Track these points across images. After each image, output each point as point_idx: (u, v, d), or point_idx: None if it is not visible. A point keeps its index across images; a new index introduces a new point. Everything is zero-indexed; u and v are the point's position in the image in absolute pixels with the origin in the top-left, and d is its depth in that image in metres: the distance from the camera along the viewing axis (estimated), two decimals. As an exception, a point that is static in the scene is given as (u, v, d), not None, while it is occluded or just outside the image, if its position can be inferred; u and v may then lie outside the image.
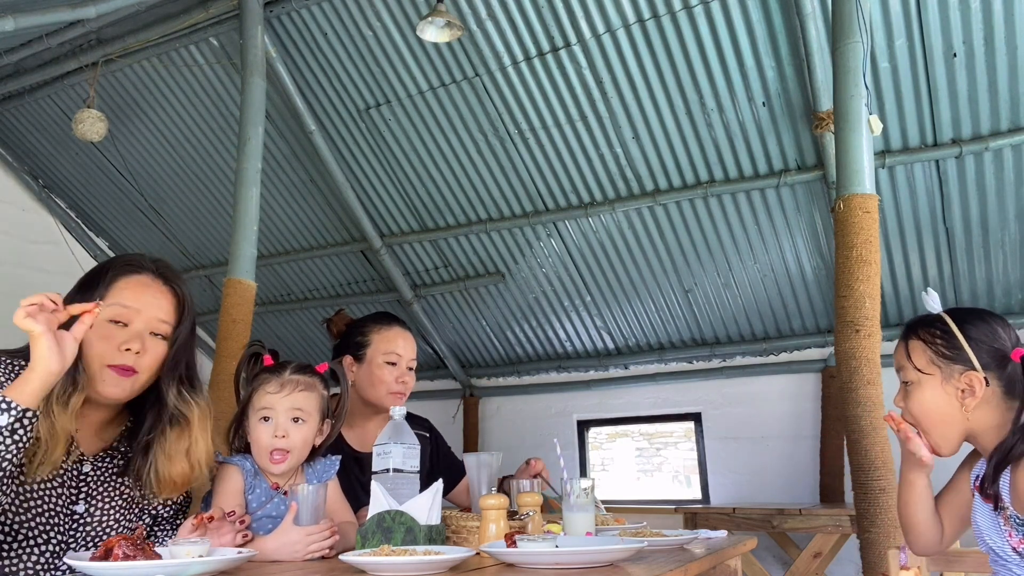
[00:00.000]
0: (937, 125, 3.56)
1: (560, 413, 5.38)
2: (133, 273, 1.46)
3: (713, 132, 3.87)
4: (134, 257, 1.50)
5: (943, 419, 1.53)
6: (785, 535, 4.20)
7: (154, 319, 1.44)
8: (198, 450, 1.50)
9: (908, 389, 1.58)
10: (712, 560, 1.57)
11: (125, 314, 1.41)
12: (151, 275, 1.47)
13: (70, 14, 3.69)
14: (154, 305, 1.44)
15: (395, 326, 2.26)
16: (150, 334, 1.44)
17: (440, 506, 1.52)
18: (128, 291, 1.43)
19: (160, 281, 1.48)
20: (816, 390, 4.60)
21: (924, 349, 1.55)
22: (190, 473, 1.48)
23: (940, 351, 1.53)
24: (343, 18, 3.91)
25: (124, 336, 1.40)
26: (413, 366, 2.24)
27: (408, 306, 5.20)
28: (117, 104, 4.67)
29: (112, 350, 1.39)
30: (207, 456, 1.52)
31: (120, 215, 5.50)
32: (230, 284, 3.47)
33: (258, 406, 1.64)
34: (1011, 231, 3.81)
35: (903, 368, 1.59)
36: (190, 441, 1.49)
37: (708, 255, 4.37)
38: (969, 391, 1.49)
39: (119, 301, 1.41)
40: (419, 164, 4.47)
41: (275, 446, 1.61)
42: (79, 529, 1.41)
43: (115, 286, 1.43)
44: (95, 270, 1.49)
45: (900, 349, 1.62)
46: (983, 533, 1.50)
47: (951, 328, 1.54)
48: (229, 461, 1.62)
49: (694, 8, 3.44)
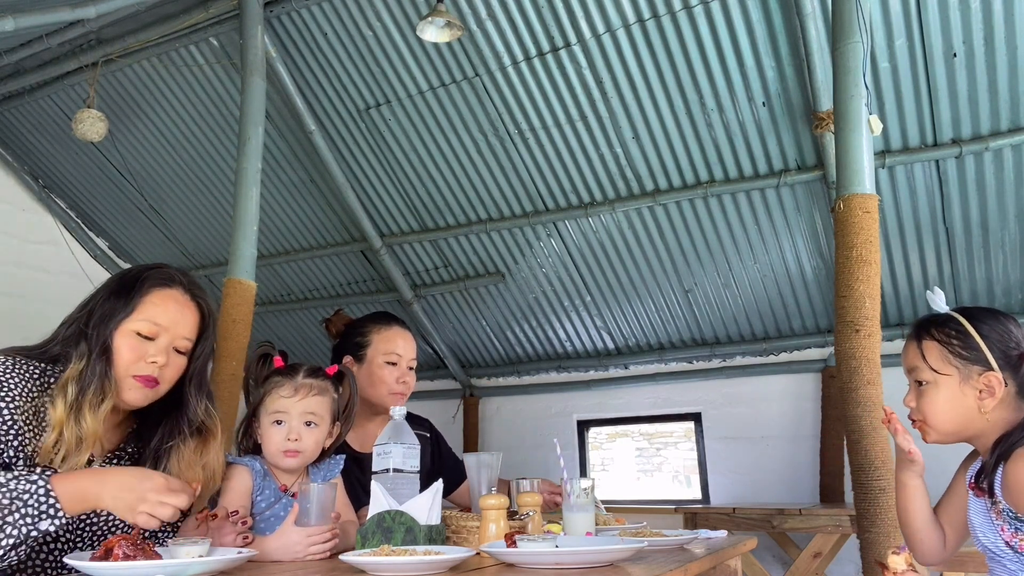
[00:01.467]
0: (937, 125, 3.56)
1: (560, 413, 5.38)
2: (166, 287, 1.50)
3: (713, 132, 3.87)
4: (167, 270, 1.54)
5: (957, 419, 1.51)
6: (785, 535, 4.20)
7: (179, 336, 1.49)
8: (213, 461, 1.55)
9: (922, 389, 1.55)
10: (712, 560, 1.57)
11: (155, 330, 1.46)
12: (182, 290, 1.52)
13: (70, 14, 3.69)
14: (181, 323, 1.49)
15: (395, 326, 2.26)
16: (173, 349, 1.49)
17: (440, 506, 1.53)
18: (160, 307, 1.48)
19: (188, 296, 1.52)
20: (816, 390, 4.60)
21: (939, 349, 1.52)
22: (203, 482, 1.51)
23: (956, 351, 1.51)
24: (343, 18, 3.91)
25: (152, 350, 1.45)
26: (413, 366, 2.24)
27: (408, 306, 5.20)
28: (117, 104, 4.67)
29: (138, 361, 1.44)
30: (220, 467, 1.57)
31: (120, 215, 5.49)
32: (230, 284, 3.47)
33: (271, 409, 1.66)
34: (1011, 231, 3.81)
35: (917, 368, 1.56)
36: (210, 453, 1.54)
37: (708, 255, 4.37)
38: (988, 391, 1.48)
39: (150, 317, 1.46)
40: (419, 164, 4.47)
41: (287, 448, 1.64)
42: (86, 528, 1.43)
43: (147, 299, 1.47)
44: (128, 278, 1.51)
45: (912, 349, 1.58)
46: (977, 530, 1.50)
47: (966, 328, 1.52)
48: (239, 462, 1.64)
49: (694, 8, 3.44)
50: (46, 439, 1.35)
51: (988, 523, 1.47)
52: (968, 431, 1.52)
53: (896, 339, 4.26)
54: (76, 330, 1.45)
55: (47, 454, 1.35)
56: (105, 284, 1.51)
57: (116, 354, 1.42)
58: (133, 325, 1.44)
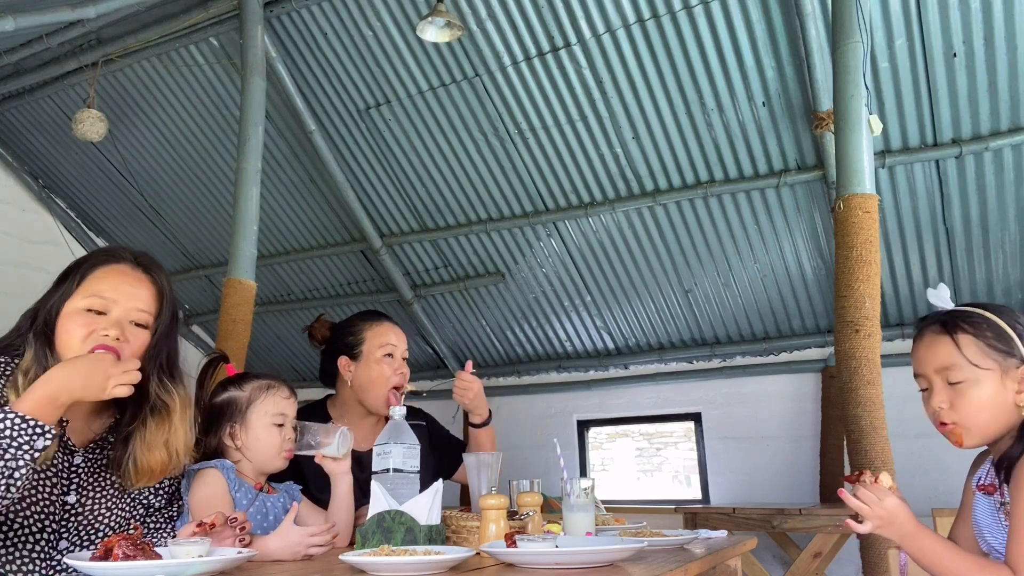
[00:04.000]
0: (937, 125, 3.56)
1: (560, 413, 5.38)
2: (111, 263, 1.47)
3: (713, 132, 3.87)
4: (113, 248, 1.52)
5: (999, 417, 1.43)
6: (785, 535, 4.20)
7: (133, 308, 1.44)
8: (176, 439, 1.50)
9: (959, 388, 1.43)
10: (712, 560, 1.57)
11: (102, 303, 1.42)
12: (130, 265, 1.48)
13: (70, 14, 3.69)
14: (132, 295, 1.45)
15: (384, 321, 2.30)
16: (131, 323, 1.44)
17: (440, 506, 1.53)
18: (106, 280, 1.44)
19: (140, 271, 1.49)
20: (816, 390, 4.60)
21: (976, 343, 1.42)
22: (168, 462, 1.49)
23: (993, 344, 1.42)
24: (343, 18, 3.91)
25: (103, 323, 1.41)
26: (407, 356, 2.27)
27: (408, 306, 5.20)
28: (117, 104, 4.67)
29: (91, 335, 1.40)
30: (185, 446, 1.53)
31: (120, 215, 5.49)
32: (230, 284, 3.47)
33: (272, 411, 1.72)
34: (1011, 231, 3.81)
35: (953, 367, 1.43)
36: (170, 431, 1.49)
37: (708, 255, 4.37)
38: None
39: (96, 291, 1.42)
40: (419, 164, 4.47)
41: (288, 448, 1.70)
42: (71, 519, 1.42)
43: (92, 275, 1.44)
44: (74, 262, 1.50)
45: (945, 346, 1.45)
46: (984, 530, 1.47)
47: (995, 321, 1.44)
48: (207, 465, 1.64)
49: (694, 8, 3.44)
50: None
51: (996, 523, 1.44)
52: (1003, 429, 1.43)
53: (896, 339, 4.26)
54: (28, 320, 1.44)
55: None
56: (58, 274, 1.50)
57: (65, 335, 1.39)
58: (79, 303, 1.41)
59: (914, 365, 1.53)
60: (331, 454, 1.73)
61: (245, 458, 1.70)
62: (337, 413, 2.25)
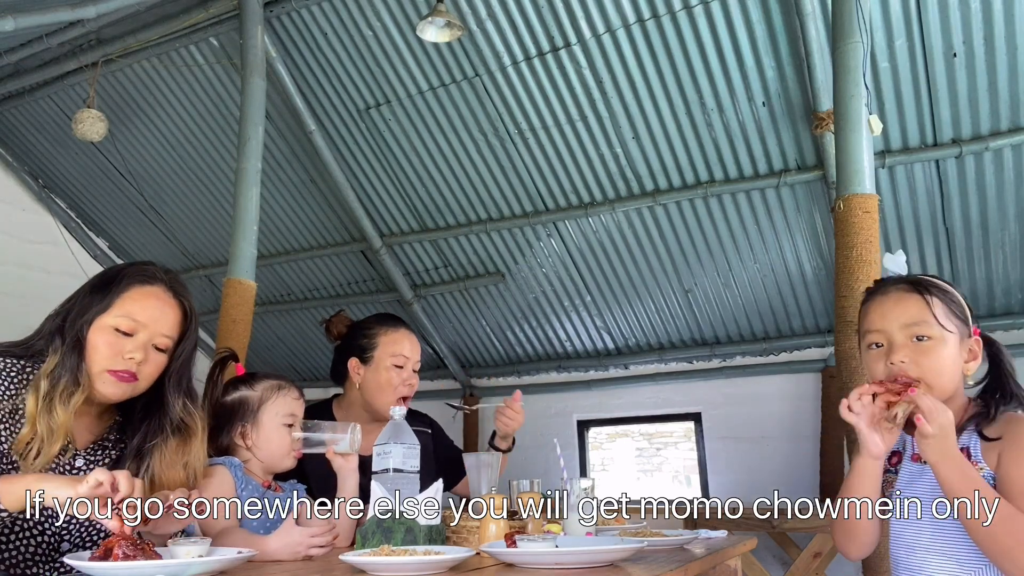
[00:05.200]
0: (937, 125, 3.56)
1: (560, 413, 5.38)
2: (146, 284, 1.49)
3: (713, 132, 3.87)
4: (149, 268, 1.52)
5: (952, 379, 1.45)
6: (785, 535, 4.19)
7: (159, 333, 1.47)
8: (195, 460, 1.53)
9: (924, 346, 1.43)
10: (712, 560, 1.57)
11: (131, 326, 1.45)
12: (163, 287, 1.50)
13: (70, 14, 3.69)
14: (161, 320, 1.48)
15: (401, 328, 2.25)
16: (152, 347, 1.47)
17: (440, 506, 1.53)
18: (139, 303, 1.46)
19: (170, 294, 1.51)
20: (816, 390, 4.59)
21: (943, 306, 1.45)
22: (184, 481, 1.51)
23: (955, 312, 1.46)
24: (343, 18, 3.91)
25: (128, 346, 1.44)
26: (418, 367, 2.24)
27: (408, 306, 5.20)
28: (117, 104, 4.67)
29: (115, 357, 1.42)
30: (202, 467, 1.57)
31: (120, 215, 5.49)
32: (230, 284, 3.47)
33: (284, 412, 1.73)
34: (1011, 231, 3.81)
35: (924, 322, 1.43)
36: (190, 453, 1.52)
37: (708, 255, 4.37)
38: (972, 355, 1.47)
39: (128, 313, 1.45)
40: (419, 164, 4.47)
41: (297, 448, 1.72)
42: (72, 521, 1.43)
43: (127, 295, 1.46)
44: (110, 275, 1.51)
45: (916, 301, 1.45)
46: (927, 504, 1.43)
47: (955, 292, 1.50)
48: (216, 462, 1.65)
49: (694, 8, 3.44)
50: (22, 433, 1.36)
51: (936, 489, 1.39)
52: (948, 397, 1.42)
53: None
54: (55, 325, 1.45)
55: (21, 446, 1.36)
56: (89, 280, 1.51)
57: (91, 349, 1.42)
58: (110, 320, 1.43)
59: (870, 321, 1.50)
60: (343, 450, 1.74)
61: (255, 457, 1.71)
62: (343, 415, 2.23)
